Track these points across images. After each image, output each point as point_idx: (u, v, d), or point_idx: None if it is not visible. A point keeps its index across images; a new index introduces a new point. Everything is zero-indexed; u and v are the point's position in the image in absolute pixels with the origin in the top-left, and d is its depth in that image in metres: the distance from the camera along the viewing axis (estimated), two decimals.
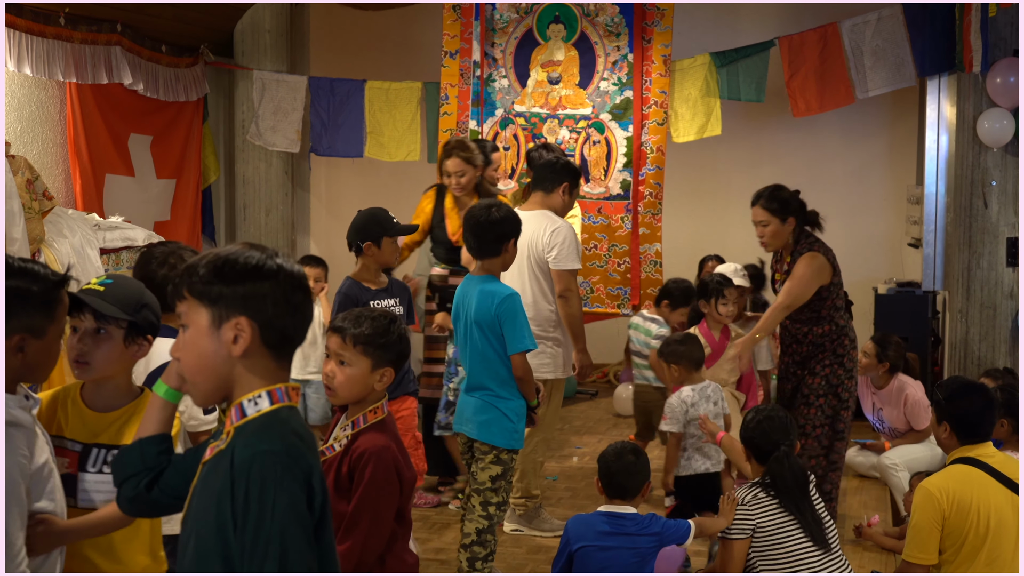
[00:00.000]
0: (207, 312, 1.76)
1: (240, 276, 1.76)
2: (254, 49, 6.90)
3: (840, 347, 4.63)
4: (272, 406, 1.76)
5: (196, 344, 1.77)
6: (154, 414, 2.04)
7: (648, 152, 6.66)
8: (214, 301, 1.75)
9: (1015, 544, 3.21)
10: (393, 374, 2.68)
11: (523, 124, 6.78)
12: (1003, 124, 6.00)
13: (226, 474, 1.68)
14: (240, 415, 1.76)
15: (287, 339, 1.80)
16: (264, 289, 1.76)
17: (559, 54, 6.74)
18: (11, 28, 4.59)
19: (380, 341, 2.65)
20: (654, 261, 6.70)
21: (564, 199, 4.76)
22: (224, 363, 1.76)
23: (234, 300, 1.75)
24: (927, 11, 6.19)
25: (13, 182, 3.82)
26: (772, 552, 3.38)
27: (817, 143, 8.61)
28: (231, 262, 1.77)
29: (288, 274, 1.80)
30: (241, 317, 1.75)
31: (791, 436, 3.48)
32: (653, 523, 3.37)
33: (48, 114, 5.26)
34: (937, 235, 6.84)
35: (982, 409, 3.38)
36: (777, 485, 3.41)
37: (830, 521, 3.50)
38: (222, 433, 1.80)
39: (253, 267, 1.77)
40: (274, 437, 1.71)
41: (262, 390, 1.77)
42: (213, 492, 1.69)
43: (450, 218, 5.28)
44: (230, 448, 1.72)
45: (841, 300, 4.69)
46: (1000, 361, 6.08)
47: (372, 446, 2.59)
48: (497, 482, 3.82)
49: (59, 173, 5.35)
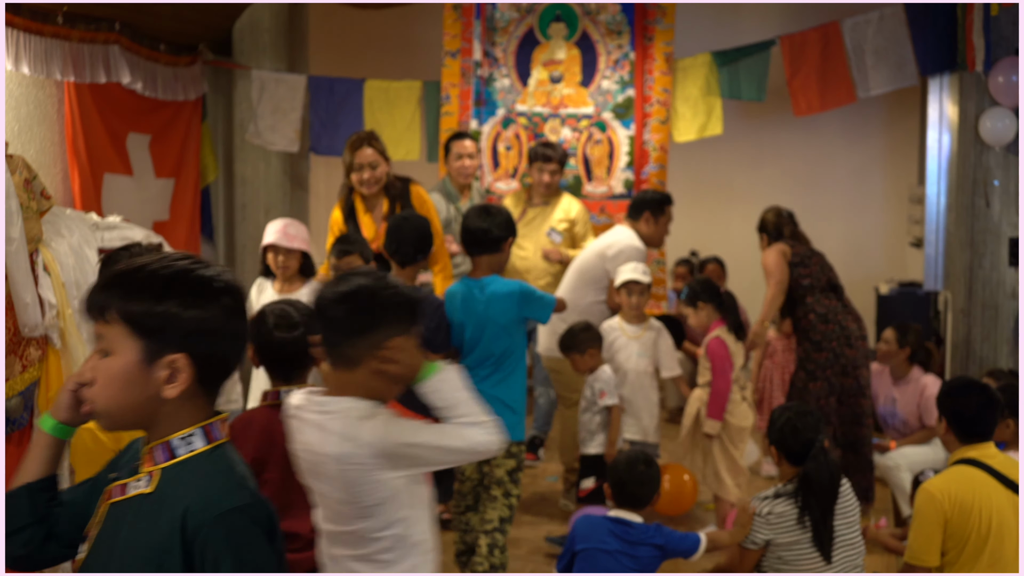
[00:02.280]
0: (139, 345, 1.51)
1: (184, 302, 1.51)
2: (253, 48, 6.88)
3: (806, 323, 5.22)
4: (207, 445, 1.57)
5: (120, 378, 1.53)
6: (40, 452, 1.71)
7: (651, 151, 6.65)
8: (150, 333, 1.51)
9: (1017, 545, 3.20)
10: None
11: (525, 123, 6.76)
12: (1005, 123, 5.98)
13: (173, 533, 1.48)
14: (168, 455, 1.56)
15: (227, 373, 1.60)
16: (211, 319, 1.52)
17: (560, 53, 6.72)
18: (9, 27, 4.57)
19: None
20: (657, 260, 6.68)
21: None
22: (151, 401, 1.54)
23: (173, 334, 1.50)
24: (929, 10, 6.17)
25: (11, 181, 3.79)
26: (779, 564, 3.35)
27: (818, 142, 8.61)
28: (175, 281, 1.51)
29: (236, 293, 1.57)
30: (179, 354, 1.51)
31: (823, 432, 3.39)
32: (657, 534, 3.32)
33: (46, 113, 5.23)
34: (939, 235, 6.82)
35: (980, 408, 3.37)
36: (812, 485, 3.28)
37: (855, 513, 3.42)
38: (133, 470, 1.59)
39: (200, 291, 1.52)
40: (230, 488, 1.53)
41: (194, 428, 1.56)
42: (148, 548, 1.49)
43: (364, 224, 5.04)
44: (161, 495, 1.52)
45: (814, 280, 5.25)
46: (1002, 362, 6.05)
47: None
48: (515, 475, 3.93)
49: (57, 172, 5.32)
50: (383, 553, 2.21)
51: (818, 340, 5.18)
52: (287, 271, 4.77)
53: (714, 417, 4.69)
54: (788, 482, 3.37)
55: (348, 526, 2.22)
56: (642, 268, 5.18)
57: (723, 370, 4.69)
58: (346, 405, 2.19)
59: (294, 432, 2.30)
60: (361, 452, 2.15)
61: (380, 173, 4.95)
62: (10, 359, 3.80)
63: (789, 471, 3.39)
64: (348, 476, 2.17)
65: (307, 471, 2.29)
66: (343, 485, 2.19)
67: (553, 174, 5.86)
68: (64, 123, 5.40)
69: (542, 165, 5.85)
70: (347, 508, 2.20)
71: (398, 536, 2.22)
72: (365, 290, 2.21)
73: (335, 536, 2.27)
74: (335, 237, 5.07)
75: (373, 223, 4.99)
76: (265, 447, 2.92)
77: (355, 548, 2.23)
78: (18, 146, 4.90)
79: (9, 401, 3.79)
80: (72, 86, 5.35)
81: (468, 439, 2.26)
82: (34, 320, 3.83)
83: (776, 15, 8.27)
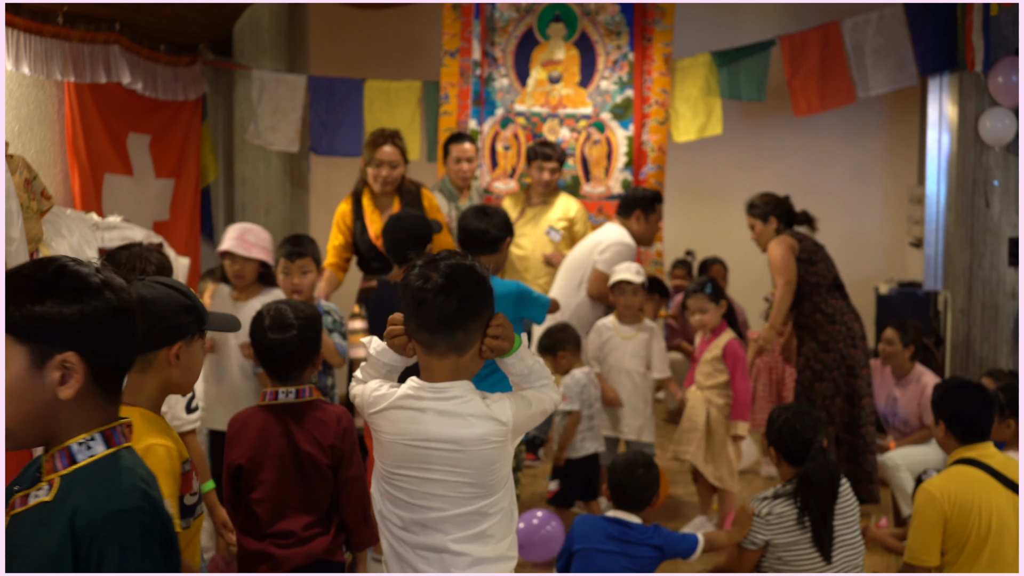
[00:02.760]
0: (24, 350, 1.46)
1: (64, 299, 1.46)
2: (253, 48, 6.89)
3: (813, 322, 5.15)
4: (108, 450, 1.52)
5: (12, 389, 1.46)
6: None
7: (649, 151, 6.65)
8: (32, 336, 1.45)
9: (1017, 545, 3.20)
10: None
11: (523, 123, 6.76)
12: (1005, 123, 5.98)
13: (63, 538, 1.43)
14: (68, 461, 1.50)
15: (121, 370, 1.56)
16: (94, 313, 1.48)
17: (559, 53, 6.73)
18: (9, 27, 4.57)
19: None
20: (654, 261, 6.68)
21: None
22: (48, 407, 1.48)
23: (58, 331, 1.45)
24: (929, 10, 6.17)
25: (11, 181, 3.80)
26: (779, 564, 3.35)
27: (818, 142, 8.60)
28: (50, 282, 1.47)
29: (116, 289, 1.53)
30: (68, 353, 1.47)
31: (821, 432, 3.38)
32: (656, 535, 3.32)
33: (46, 113, 5.23)
34: (938, 235, 6.82)
35: (978, 408, 3.37)
36: (811, 485, 3.28)
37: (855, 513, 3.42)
38: (34, 479, 1.54)
39: (78, 286, 1.48)
40: (122, 491, 1.47)
41: (95, 431, 1.51)
42: (45, 557, 1.44)
43: (371, 222, 5.03)
44: (60, 502, 1.47)
45: (820, 278, 5.17)
46: (1002, 362, 6.05)
47: None
48: (514, 474, 3.90)
49: (57, 172, 5.32)
50: (495, 527, 2.25)
51: (825, 340, 5.15)
52: (241, 280, 4.37)
53: (741, 418, 4.70)
54: (787, 483, 3.37)
55: (467, 507, 2.22)
56: (635, 268, 5.17)
57: (745, 372, 4.71)
58: (467, 387, 2.22)
59: (402, 422, 2.23)
60: (501, 429, 2.20)
61: (397, 174, 4.99)
62: None
63: (788, 472, 3.39)
64: (485, 455, 2.19)
65: (414, 459, 2.22)
66: (479, 465, 2.20)
67: (552, 172, 5.89)
68: (64, 123, 5.40)
69: (542, 163, 5.88)
70: (472, 489, 2.21)
71: (506, 509, 2.28)
72: (473, 271, 2.22)
73: (442, 522, 2.22)
74: (338, 230, 5.12)
75: (381, 222, 4.91)
76: (260, 447, 2.93)
77: (470, 528, 2.22)
78: (18, 146, 4.90)
79: None
80: (72, 86, 5.35)
81: (553, 400, 2.36)
82: None
83: (776, 15, 8.27)
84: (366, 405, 2.29)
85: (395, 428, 2.23)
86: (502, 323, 2.25)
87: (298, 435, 2.92)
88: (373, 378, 2.33)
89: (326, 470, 2.92)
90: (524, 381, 2.34)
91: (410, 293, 2.20)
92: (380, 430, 2.26)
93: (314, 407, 2.98)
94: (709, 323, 4.83)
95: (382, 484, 2.29)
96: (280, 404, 2.96)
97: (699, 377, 4.89)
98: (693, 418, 4.83)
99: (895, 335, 5.38)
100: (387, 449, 2.25)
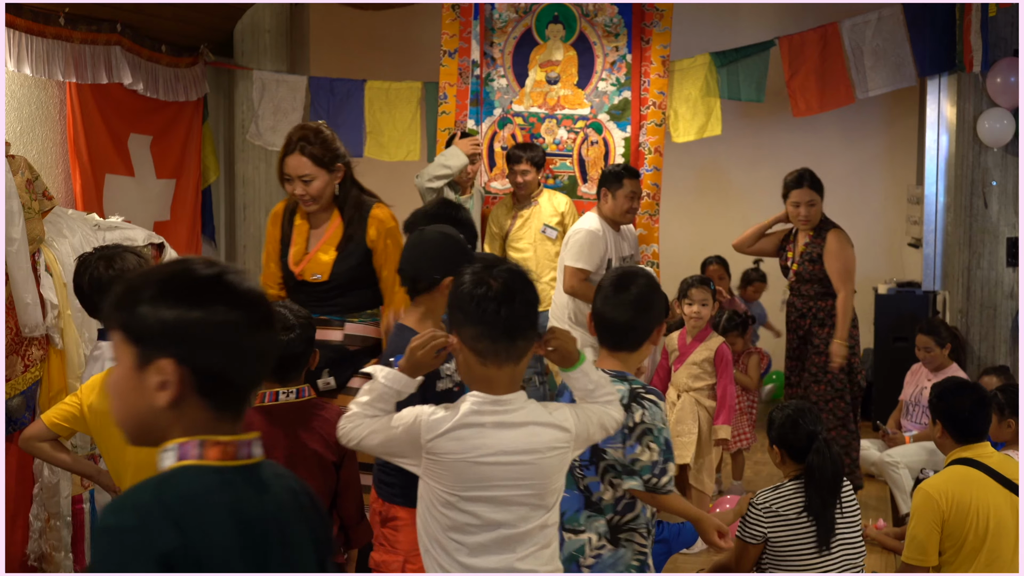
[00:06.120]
0: (133, 350, 1.42)
1: (170, 303, 1.39)
2: (254, 49, 6.90)
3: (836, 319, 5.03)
4: (175, 463, 1.41)
5: (119, 386, 1.45)
6: None
7: (646, 153, 6.65)
8: (139, 338, 1.41)
9: (1015, 544, 3.21)
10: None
11: (521, 124, 6.77)
12: (1003, 124, 6.00)
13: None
14: None
15: (230, 387, 1.45)
16: (197, 322, 1.39)
17: (558, 54, 6.74)
18: (10, 28, 4.58)
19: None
20: (651, 262, 6.69)
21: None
22: (150, 410, 1.42)
23: (157, 336, 1.39)
24: (927, 11, 6.19)
25: (13, 182, 3.81)
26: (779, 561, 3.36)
27: (817, 143, 8.61)
28: (166, 283, 1.41)
29: (240, 302, 1.43)
30: (165, 359, 1.39)
31: (822, 424, 3.38)
32: (660, 531, 3.33)
33: (48, 114, 5.25)
34: (937, 235, 6.84)
35: (973, 408, 3.38)
36: (815, 477, 3.27)
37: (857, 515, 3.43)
38: None
39: (189, 292, 1.41)
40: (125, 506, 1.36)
41: (177, 441, 1.42)
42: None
43: (295, 243, 3.78)
44: None
45: None
46: (1000, 361, 6.07)
47: None
48: None
49: (59, 173, 5.34)
50: (553, 540, 2.26)
51: (852, 345, 5.15)
52: None
53: (725, 422, 4.70)
54: (791, 479, 3.38)
55: (533, 523, 2.21)
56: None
57: (731, 376, 4.72)
58: (525, 397, 2.24)
59: (469, 439, 2.17)
60: (565, 436, 2.23)
61: (318, 188, 3.61)
62: (12, 359, 3.82)
63: (792, 469, 3.38)
64: (550, 465, 2.21)
65: (482, 477, 2.17)
66: (544, 475, 2.20)
67: (524, 174, 5.97)
68: (66, 124, 5.42)
69: (514, 167, 6.00)
70: (536, 501, 2.21)
71: (557, 523, 2.29)
72: (528, 277, 2.25)
73: (510, 541, 2.19)
74: (268, 236, 3.92)
75: (305, 246, 3.76)
76: (268, 449, 2.92)
77: (534, 544, 2.21)
78: (20, 147, 4.92)
79: (11, 401, 3.81)
80: (74, 87, 5.37)
81: (615, 417, 2.39)
82: (35, 320, 3.85)
83: (775, 16, 8.28)
84: (424, 431, 2.18)
85: (462, 447, 2.17)
86: (558, 333, 2.29)
87: (304, 434, 2.94)
88: (379, 411, 2.27)
89: (331, 468, 2.95)
90: (589, 396, 2.36)
91: (472, 301, 2.15)
92: (445, 452, 2.17)
93: (316, 406, 3.00)
94: (705, 318, 4.85)
95: (442, 512, 2.19)
96: (281, 404, 2.97)
97: (685, 378, 4.86)
98: (687, 422, 4.80)
99: (929, 340, 5.39)
100: (452, 471, 2.18)
